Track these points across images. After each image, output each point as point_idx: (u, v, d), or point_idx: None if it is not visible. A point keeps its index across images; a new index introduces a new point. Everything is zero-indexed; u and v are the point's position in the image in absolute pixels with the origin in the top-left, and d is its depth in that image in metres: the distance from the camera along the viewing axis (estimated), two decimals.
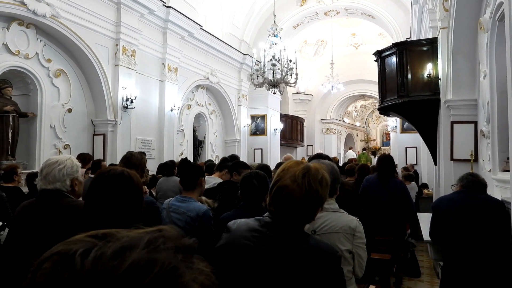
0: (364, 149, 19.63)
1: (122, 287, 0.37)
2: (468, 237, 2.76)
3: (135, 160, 2.99)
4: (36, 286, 0.40)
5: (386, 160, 4.54)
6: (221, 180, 4.03)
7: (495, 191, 3.75)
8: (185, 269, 0.41)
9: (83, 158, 5.57)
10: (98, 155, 7.05)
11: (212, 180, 4.16)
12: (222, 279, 1.38)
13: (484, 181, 3.01)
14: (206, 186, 4.05)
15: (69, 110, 7.05)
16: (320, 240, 1.45)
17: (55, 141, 6.81)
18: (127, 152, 3.06)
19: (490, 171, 4.09)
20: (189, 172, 2.76)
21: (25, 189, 4.65)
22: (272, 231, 1.33)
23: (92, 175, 4.46)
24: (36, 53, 6.46)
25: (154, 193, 4.90)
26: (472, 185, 2.92)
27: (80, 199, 2.19)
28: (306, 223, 1.39)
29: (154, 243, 0.42)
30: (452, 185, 4.44)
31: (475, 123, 4.92)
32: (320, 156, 3.03)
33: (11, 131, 6.13)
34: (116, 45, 7.53)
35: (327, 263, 1.32)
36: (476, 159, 4.76)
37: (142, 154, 3.94)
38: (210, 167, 5.34)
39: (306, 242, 1.33)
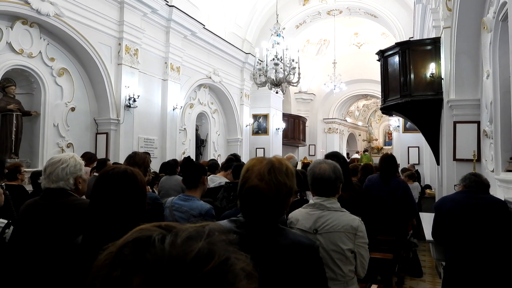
0: (365, 150, 19.61)
1: (190, 271, 0.44)
2: (470, 237, 2.76)
3: (138, 159, 3.01)
4: (120, 265, 0.46)
5: (388, 160, 4.54)
6: (226, 180, 4.04)
7: (498, 191, 3.75)
8: (235, 259, 0.48)
9: (89, 157, 5.61)
10: (101, 154, 7.08)
11: (217, 179, 4.17)
12: None
13: (487, 181, 3.01)
14: (212, 185, 4.06)
15: (72, 109, 7.08)
16: (297, 233, 1.46)
17: (58, 140, 6.83)
18: (132, 152, 3.09)
19: (493, 171, 4.09)
20: (191, 170, 2.77)
21: (29, 187, 4.67)
22: (249, 230, 1.33)
23: (96, 174, 4.48)
24: (40, 52, 6.48)
25: (156, 192, 4.92)
26: (475, 185, 2.92)
27: (84, 197, 2.20)
28: (280, 216, 1.40)
29: (212, 236, 0.49)
30: (455, 185, 4.44)
31: (478, 123, 4.91)
32: (336, 155, 3.02)
33: (14, 129, 6.15)
34: (119, 44, 7.55)
35: (306, 254, 1.33)
36: (478, 159, 4.75)
37: (146, 154, 3.97)
38: (213, 166, 5.35)
39: (284, 237, 1.34)
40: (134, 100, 7.63)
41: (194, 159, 9.75)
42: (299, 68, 7.50)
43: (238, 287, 0.46)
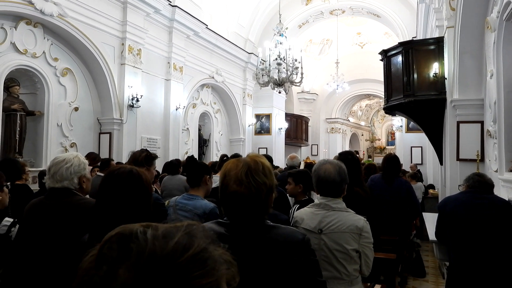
0: (369, 156, 19.58)
1: (171, 259, 0.48)
2: (474, 237, 2.75)
3: (137, 157, 2.99)
4: (105, 257, 0.49)
5: (392, 160, 4.52)
6: None
7: (501, 191, 3.74)
8: (213, 249, 0.53)
9: (93, 157, 5.62)
10: (104, 154, 7.10)
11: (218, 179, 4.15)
12: None
13: (490, 181, 3.00)
14: (214, 185, 4.06)
15: (76, 109, 7.11)
16: (287, 228, 1.47)
17: (62, 139, 6.86)
18: (138, 150, 3.11)
19: (496, 171, 4.08)
20: (194, 169, 2.79)
21: (33, 187, 4.69)
22: (237, 233, 1.34)
23: (100, 173, 4.49)
24: (43, 52, 6.51)
25: (159, 191, 4.93)
26: (479, 185, 2.91)
27: (88, 196, 2.21)
28: (266, 215, 1.39)
29: (190, 229, 0.54)
30: (459, 185, 4.43)
31: (482, 123, 4.89)
32: (348, 153, 3.11)
33: (18, 129, 6.19)
34: (122, 44, 7.58)
35: (295, 248, 1.34)
36: (482, 159, 4.74)
37: (142, 150, 3.90)
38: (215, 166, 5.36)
39: (272, 234, 1.35)
40: (137, 100, 7.66)
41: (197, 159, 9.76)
42: (301, 68, 7.50)
43: (218, 270, 0.51)
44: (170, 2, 8.48)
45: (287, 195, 3.38)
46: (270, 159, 5.52)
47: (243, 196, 1.31)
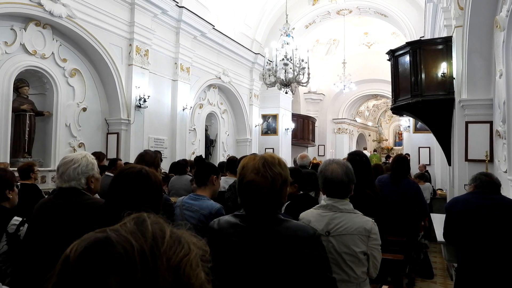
0: (375, 150, 19.46)
1: (156, 248, 0.49)
2: (483, 238, 2.72)
3: (148, 158, 3.04)
4: (87, 272, 0.48)
5: (401, 161, 4.49)
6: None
7: (511, 192, 3.70)
8: (177, 230, 0.54)
9: (97, 156, 5.66)
10: (111, 154, 7.16)
11: (230, 181, 4.13)
12: (216, 274, 1.44)
13: (497, 180, 2.96)
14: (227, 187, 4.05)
15: (84, 109, 7.17)
16: (298, 222, 1.52)
17: (70, 140, 6.93)
18: (143, 150, 3.11)
19: (506, 171, 4.03)
20: (201, 168, 2.79)
21: (42, 186, 4.74)
22: (252, 223, 1.42)
23: (108, 173, 4.52)
24: (52, 53, 6.57)
25: (166, 192, 4.95)
26: (486, 185, 2.88)
27: (97, 195, 2.23)
28: (280, 207, 1.47)
29: (152, 217, 0.55)
30: (465, 185, 4.39)
31: (491, 123, 4.84)
32: (358, 154, 3.12)
33: (27, 129, 6.26)
34: (130, 45, 7.62)
35: (306, 242, 1.38)
36: (491, 160, 4.69)
37: (157, 152, 3.99)
38: (221, 167, 5.37)
39: (284, 226, 1.41)
40: (145, 101, 7.70)
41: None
42: (308, 68, 7.48)
43: (193, 244, 0.53)
44: (177, 3, 8.52)
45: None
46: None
47: (260, 184, 1.38)
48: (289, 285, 1.35)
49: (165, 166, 7.17)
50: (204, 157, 10.46)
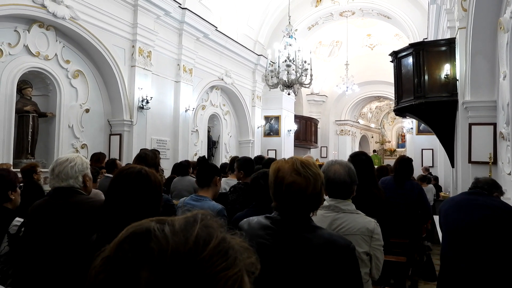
0: (374, 150, 19.43)
1: (193, 255, 0.46)
2: (459, 240, 2.62)
3: (149, 159, 3.03)
4: (122, 259, 0.47)
5: (405, 162, 4.46)
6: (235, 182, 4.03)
7: None
8: (231, 238, 0.51)
9: (97, 158, 5.67)
10: (114, 155, 7.16)
11: (232, 182, 4.11)
12: None
13: (491, 181, 2.83)
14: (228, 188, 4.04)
15: (87, 110, 7.19)
16: (332, 232, 1.49)
17: (73, 141, 6.94)
18: (140, 150, 3.11)
19: (510, 174, 4.01)
20: (204, 169, 2.78)
21: (44, 188, 4.75)
22: (284, 227, 1.39)
23: (107, 175, 4.52)
24: (56, 54, 6.60)
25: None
26: (479, 186, 2.75)
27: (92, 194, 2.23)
28: (317, 209, 1.44)
29: (205, 220, 0.51)
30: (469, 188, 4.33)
31: (494, 125, 4.81)
32: (362, 154, 3.13)
33: (31, 130, 6.28)
34: (133, 46, 7.64)
35: (340, 253, 1.35)
36: (495, 162, 4.67)
37: (155, 152, 3.94)
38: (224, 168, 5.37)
39: (318, 235, 1.38)
40: (147, 102, 7.71)
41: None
42: (311, 69, 7.47)
43: (241, 260, 0.49)
44: (180, 4, 8.53)
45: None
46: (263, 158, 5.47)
47: (302, 186, 1.35)
48: None
49: (168, 167, 7.18)
50: (206, 158, 10.48)
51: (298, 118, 15.09)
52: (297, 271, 1.33)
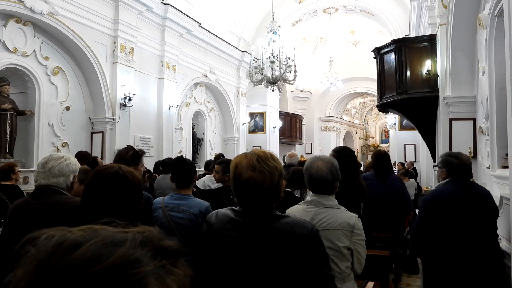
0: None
1: (69, 272, 0.40)
2: (466, 230, 2.65)
3: (123, 155, 2.92)
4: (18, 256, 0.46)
5: (382, 157, 4.50)
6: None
7: (494, 188, 3.75)
8: (150, 264, 0.42)
9: (82, 156, 5.55)
10: (96, 153, 7.03)
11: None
12: (212, 268, 1.43)
13: (468, 160, 2.81)
14: (213, 186, 4.03)
15: (67, 108, 7.04)
16: (296, 218, 1.51)
17: (54, 139, 6.79)
18: (117, 150, 3.04)
19: (489, 167, 4.09)
20: (185, 169, 2.71)
21: (24, 187, 4.63)
22: (248, 218, 1.41)
23: None
24: (34, 50, 6.43)
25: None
26: (460, 170, 2.69)
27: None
28: (277, 201, 1.45)
29: (120, 241, 0.43)
30: (433, 166, 4.35)
31: (474, 119, 4.91)
32: (347, 149, 3.21)
33: (9, 129, 6.11)
34: (114, 42, 7.51)
35: (304, 237, 1.38)
36: (474, 156, 4.76)
37: (128, 148, 3.81)
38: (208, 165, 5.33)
39: (282, 222, 1.40)
40: (130, 99, 7.60)
41: (191, 158, 9.73)
42: (295, 66, 7.48)
43: None
44: (163, 0, 8.42)
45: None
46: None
47: (258, 181, 1.36)
48: (286, 282, 1.34)
49: (152, 166, 7.09)
50: (191, 156, 10.41)
51: (283, 115, 15.12)
52: (267, 260, 1.35)
